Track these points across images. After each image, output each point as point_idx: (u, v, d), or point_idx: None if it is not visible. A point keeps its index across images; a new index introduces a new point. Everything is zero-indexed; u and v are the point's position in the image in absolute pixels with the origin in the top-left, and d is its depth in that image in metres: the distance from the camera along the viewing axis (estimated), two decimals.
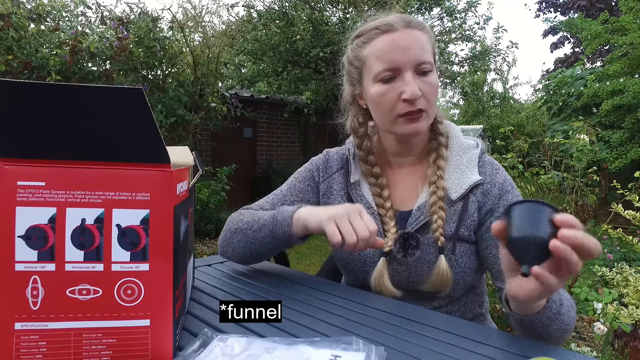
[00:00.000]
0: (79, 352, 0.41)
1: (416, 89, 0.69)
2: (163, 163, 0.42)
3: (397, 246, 0.72)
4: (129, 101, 0.40)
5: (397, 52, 0.70)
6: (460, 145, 0.79)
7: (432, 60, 0.73)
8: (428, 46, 0.73)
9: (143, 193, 0.42)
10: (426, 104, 0.72)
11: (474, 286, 0.80)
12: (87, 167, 0.41)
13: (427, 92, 0.71)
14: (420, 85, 0.70)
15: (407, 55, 0.70)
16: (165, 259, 0.42)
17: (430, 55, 0.73)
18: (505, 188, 0.74)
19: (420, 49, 0.71)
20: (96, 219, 0.41)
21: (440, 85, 0.80)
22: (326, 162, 0.86)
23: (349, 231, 0.61)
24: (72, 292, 0.41)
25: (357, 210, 0.64)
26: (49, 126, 0.40)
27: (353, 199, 0.79)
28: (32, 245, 0.40)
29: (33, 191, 0.40)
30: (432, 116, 0.75)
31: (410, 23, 0.73)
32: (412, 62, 0.70)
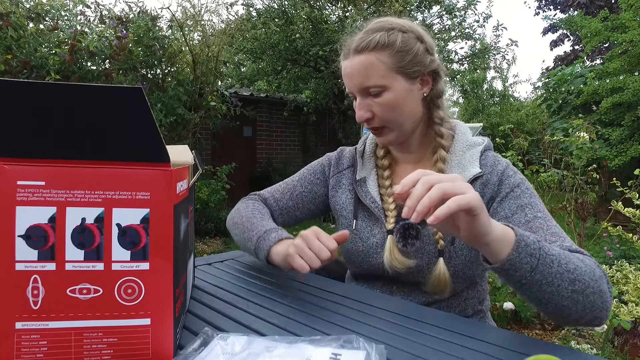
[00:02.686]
0: (79, 351, 0.41)
1: (361, 114, 0.76)
2: (163, 162, 0.42)
3: (397, 236, 0.75)
4: (129, 100, 0.40)
5: (347, 79, 0.78)
6: (465, 142, 0.80)
7: (381, 82, 0.74)
8: (378, 66, 0.74)
9: (143, 192, 0.42)
10: (381, 121, 0.77)
11: (475, 283, 0.81)
12: (87, 167, 0.41)
13: (379, 112, 0.76)
14: (372, 107, 0.76)
15: (353, 82, 0.76)
16: (166, 258, 0.42)
17: (378, 76, 0.74)
18: (506, 173, 0.75)
19: (363, 76, 0.74)
20: (96, 218, 0.41)
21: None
22: (339, 159, 0.91)
23: (312, 259, 0.65)
24: (72, 292, 0.41)
25: (314, 235, 0.67)
26: (48, 126, 0.40)
27: (358, 194, 0.84)
28: (33, 244, 0.40)
29: (33, 191, 0.40)
30: (399, 128, 0.78)
31: (358, 47, 0.75)
32: (357, 88, 0.76)
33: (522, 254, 0.52)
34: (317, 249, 0.65)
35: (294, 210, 0.92)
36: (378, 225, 0.80)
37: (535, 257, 0.53)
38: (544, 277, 0.54)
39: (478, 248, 0.54)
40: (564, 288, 0.54)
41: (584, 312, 0.56)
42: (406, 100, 0.76)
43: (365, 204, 0.82)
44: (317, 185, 0.91)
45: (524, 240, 0.53)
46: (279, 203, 0.92)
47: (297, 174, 0.94)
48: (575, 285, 0.55)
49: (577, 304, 0.56)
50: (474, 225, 0.49)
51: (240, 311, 0.59)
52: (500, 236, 0.52)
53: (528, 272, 0.53)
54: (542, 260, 0.53)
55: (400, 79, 0.75)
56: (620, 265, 1.82)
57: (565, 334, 2.14)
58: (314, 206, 0.91)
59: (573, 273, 0.55)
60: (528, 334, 2.17)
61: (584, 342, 2.01)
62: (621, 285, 1.74)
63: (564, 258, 0.56)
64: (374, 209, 0.80)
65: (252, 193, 0.95)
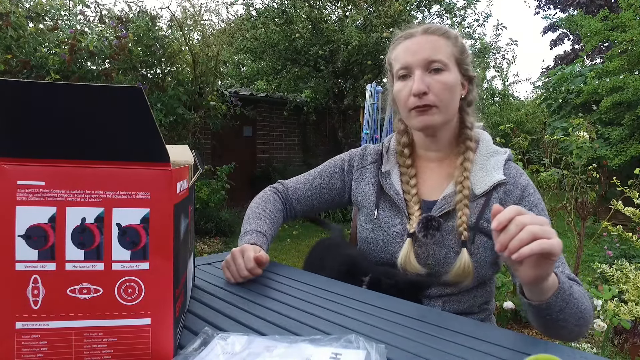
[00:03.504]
0: (79, 351, 0.41)
1: (421, 85, 0.78)
2: (163, 162, 0.42)
3: (419, 226, 0.79)
4: (129, 100, 0.40)
5: (409, 55, 0.81)
6: (488, 149, 0.86)
7: (446, 61, 0.80)
8: (445, 48, 0.81)
9: (143, 192, 0.42)
10: (435, 99, 0.79)
11: (485, 283, 0.84)
12: (86, 167, 0.41)
13: (436, 89, 0.79)
14: (430, 82, 0.79)
15: (417, 55, 0.80)
16: (166, 257, 0.42)
17: (444, 55, 0.80)
18: (527, 190, 0.81)
19: (431, 50, 0.80)
20: (96, 218, 0.41)
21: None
22: (363, 154, 0.97)
23: (234, 273, 0.74)
24: (72, 292, 0.41)
25: (240, 253, 0.75)
26: (48, 126, 0.40)
27: (383, 186, 0.88)
28: (33, 244, 0.40)
29: (33, 191, 0.40)
30: (445, 112, 0.81)
31: (428, 30, 0.83)
32: (421, 61, 0.79)
33: (559, 299, 0.60)
34: (238, 266, 0.73)
35: (312, 200, 0.98)
36: (399, 217, 0.84)
37: (566, 301, 0.61)
38: (565, 316, 0.62)
39: (529, 287, 0.59)
40: (572, 324, 0.63)
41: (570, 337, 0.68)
42: (456, 89, 0.82)
43: (389, 194, 0.87)
44: (335, 178, 0.97)
45: (563, 287, 0.60)
46: (299, 192, 0.99)
47: (320, 166, 1.01)
48: (580, 321, 0.64)
49: (572, 333, 0.66)
50: (545, 269, 0.54)
51: (241, 311, 0.59)
52: (551, 282, 0.58)
53: (556, 312, 0.61)
54: (569, 305, 0.61)
55: (456, 68, 0.82)
56: (620, 264, 1.82)
57: None
58: (330, 197, 0.98)
59: (582, 313, 0.63)
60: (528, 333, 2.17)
61: (584, 341, 2.01)
62: (621, 285, 1.74)
63: (579, 299, 0.63)
64: (397, 200, 0.85)
65: (278, 181, 1.02)
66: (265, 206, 0.93)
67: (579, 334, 0.66)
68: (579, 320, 0.63)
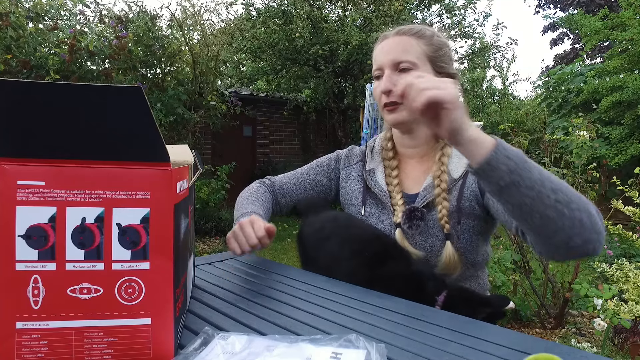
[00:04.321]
0: (80, 350, 0.41)
1: (387, 83, 0.84)
2: (163, 162, 0.42)
3: (403, 218, 0.83)
4: (129, 100, 0.40)
5: (381, 55, 0.86)
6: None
7: (414, 60, 0.83)
8: (415, 48, 0.84)
9: (143, 192, 0.42)
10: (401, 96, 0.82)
11: (477, 276, 0.86)
12: (87, 166, 0.41)
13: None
14: (397, 81, 0.83)
15: (388, 56, 0.85)
16: (166, 257, 0.42)
17: (413, 55, 0.83)
18: None
19: (400, 51, 0.84)
20: (96, 218, 0.41)
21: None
22: (349, 154, 1.01)
23: (242, 243, 0.75)
24: (72, 291, 0.41)
25: (250, 223, 0.77)
26: (48, 125, 0.40)
27: (368, 184, 0.92)
28: (33, 244, 0.40)
29: (33, 190, 0.40)
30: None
31: (400, 31, 0.86)
32: (390, 61, 0.84)
33: (500, 156, 0.57)
34: (247, 235, 0.74)
35: (297, 195, 1.00)
36: (385, 213, 0.87)
37: (514, 161, 0.57)
38: (523, 180, 0.56)
39: (458, 148, 0.60)
40: (546, 195, 0.57)
41: (572, 229, 0.58)
42: None
43: (374, 191, 0.90)
44: (321, 175, 1.00)
45: (504, 145, 0.58)
46: (284, 187, 1.01)
47: (307, 165, 1.04)
48: (558, 195, 0.57)
49: (564, 217, 0.57)
50: (447, 120, 0.57)
51: (241, 310, 0.59)
52: (476, 137, 0.58)
53: (506, 173, 0.56)
54: (522, 166, 0.57)
55: (428, 66, 0.85)
56: (621, 263, 1.82)
57: (565, 333, 2.14)
58: (315, 193, 1.00)
59: (554, 183, 0.58)
60: (528, 332, 2.17)
61: (584, 340, 2.01)
62: (621, 284, 1.74)
63: (546, 173, 0.59)
64: (382, 197, 0.88)
65: (266, 177, 1.05)
66: (257, 195, 0.96)
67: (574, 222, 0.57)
68: (555, 193, 0.56)
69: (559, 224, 0.58)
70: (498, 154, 0.57)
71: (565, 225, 0.58)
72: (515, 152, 0.58)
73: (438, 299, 0.70)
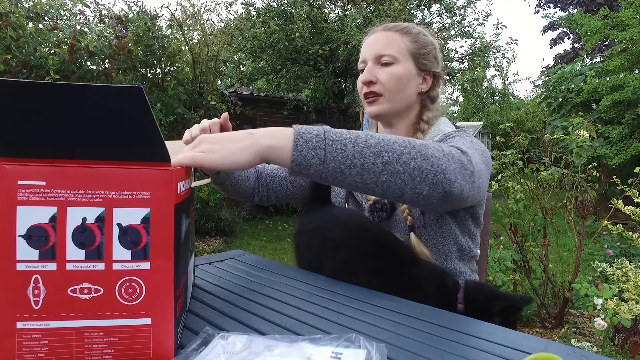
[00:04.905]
0: (80, 350, 0.41)
1: (367, 75, 0.85)
2: (163, 162, 0.42)
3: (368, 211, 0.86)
4: (129, 100, 0.40)
5: (366, 48, 0.88)
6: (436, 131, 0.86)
7: (395, 55, 0.85)
8: (398, 43, 0.85)
9: (143, 192, 0.42)
10: (382, 88, 0.85)
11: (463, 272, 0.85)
12: (87, 167, 0.41)
13: (384, 79, 0.85)
14: (378, 74, 0.85)
15: (371, 49, 0.87)
16: (166, 257, 0.42)
17: (395, 50, 0.85)
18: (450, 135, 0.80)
19: (384, 45, 0.85)
20: (97, 218, 0.41)
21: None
22: None
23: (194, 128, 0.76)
24: (73, 291, 0.41)
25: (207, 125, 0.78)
26: (48, 125, 0.40)
27: None
28: (33, 244, 0.40)
29: (34, 190, 0.40)
30: (392, 101, 0.86)
31: (386, 27, 0.88)
32: (372, 54, 0.86)
33: (305, 151, 0.53)
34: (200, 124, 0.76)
35: (285, 181, 0.97)
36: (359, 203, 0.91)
37: (321, 148, 0.53)
38: (341, 162, 0.53)
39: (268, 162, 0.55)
40: (372, 164, 0.54)
41: (413, 182, 0.55)
42: (408, 82, 0.86)
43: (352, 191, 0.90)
44: None
45: (303, 137, 0.53)
46: (275, 171, 0.97)
47: None
48: (384, 157, 0.54)
49: (399, 176, 0.54)
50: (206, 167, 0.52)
51: (241, 310, 0.59)
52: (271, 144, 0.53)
53: (320, 165, 0.53)
54: (330, 149, 0.53)
55: (410, 62, 0.86)
56: (621, 263, 1.82)
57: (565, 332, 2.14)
58: (305, 183, 0.98)
59: (376, 147, 0.54)
60: (528, 332, 2.17)
61: (585, 340, 2.01)
62: (621, 284, 1.74)
63: (362, 137, 0.55)
64: (356, 195, 0.91)
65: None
66: None
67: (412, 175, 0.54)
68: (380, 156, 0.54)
69: (398, 183, 0.55)
70: (302, 151, 0.52)
71: (406, 181, 0.55)
72: (317, 134, 0.54)
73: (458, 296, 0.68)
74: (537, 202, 2.38)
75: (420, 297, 0.65)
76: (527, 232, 2.37)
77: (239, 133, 0.54)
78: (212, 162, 0.51)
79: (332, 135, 0.55)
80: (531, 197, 2.40)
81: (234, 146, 0.53)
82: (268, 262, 0.87)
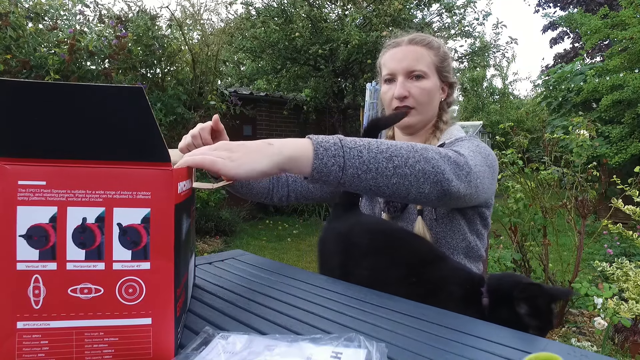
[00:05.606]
0: (81, 350, 0.41)
1: (402, 90, 0.89)
2: (164, 162, 0.42)
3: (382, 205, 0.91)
4: (129, 100, 0.40)
5: (395, 62, 0.91)
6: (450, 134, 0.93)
7: (425, 70, 0.89)
8: (426, 58, 0.90)
9: (144, 192, 0.42)
10: (414, 102, 0.90)
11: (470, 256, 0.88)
12: (87, 167, 0.41)
13: (416, 94, 0.90)
14: (410, 88, 0.90)
15: (401, 64, 0.90)
16: (167, 257, 0.42)
17: (424, 65, 0.90)
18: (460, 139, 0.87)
19: (414, 59, 0.89)
20: (97, 218, 0.41)
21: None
22: None
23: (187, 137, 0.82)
24: (73, 291, 0.41)
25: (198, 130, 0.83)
26: (49, 125, 0.40)
27: None
28: (34, 244, 0.40)
29: (34, 190, 0.40)
30: (423, 113, 0.92)
31: (413, 40, 0.92)
32: (404, 69, 0.90)
33: (325, 159, 0.56)
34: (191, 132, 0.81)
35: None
36: (377, 206, 0.94)
37: (340, 155, 0.56)
38: (358, 168, 0.57)
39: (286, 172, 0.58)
40: (384, 167, 0.58)
41: (418, 182, 0.60)
42: (435, 94, 0.92)
43: None
44: None
45: (322, 146, 0.56)
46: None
47: None
48: (394, 161, 0.59)
49: (407, 178, 0.60)
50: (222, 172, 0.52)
51: (241, 310, 0.59)
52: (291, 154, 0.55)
53: (339, 171, 0.56)
54: (348, 155, 0.57)
55: (435, 76, 0.92)
56: (621, 262, 1.82)
57: (565, 332, 2.14)
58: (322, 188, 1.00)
59: (387, 152, 0.59)
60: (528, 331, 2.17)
61: (585, 339, 2.01)
62: (621, 283, 1.74)
63: (374, 143, 0.59)
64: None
65: None
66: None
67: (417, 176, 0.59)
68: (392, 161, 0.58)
69: (406, 184, 0.60)
70: (322, 159, 0.55)
71: (412, 182, 0.60)
72: (334, 142, 0.57)
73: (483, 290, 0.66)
74: (537, 202, 2.38)
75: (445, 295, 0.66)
76: (527, 231, 2.38)
77: (257, 143, 0.56)
78: (230, 170, 0.52)
79: (348, 142, 0.58)
80: (531, 196, 2.40)
81: (253, 156, 0.54)
82: (268, 262, 0.87)
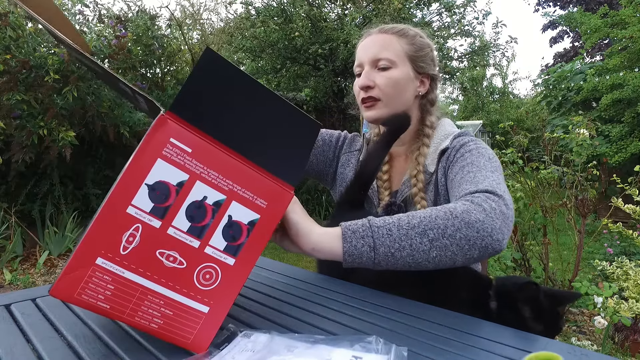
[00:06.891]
0: (135, 309, 0.41)
1: (365, 80, 0.83)
2: (290, 185, 0.46)
3: (382, 212, 0.85)
4: (303, 130, 0.45)
5: (362, 51, 0.86)
6: (443, 132, 0.86)
7: (393, 58, 0.82)
8: (395, 46, 0.83)
9: (262, 199, 0.45)
10: (380, 93, 0.83)
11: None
12: (234, 157, 0.43)
13: (381, 83, 0.82)
14: (376, 78, 0.83)
15: (367, 53, 0.84)
16: (250, 262, 0.45)
17: (392, 53, 0.83)
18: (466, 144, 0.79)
19: (380, 48, 0.83)
20: (215, 202, 0.43)
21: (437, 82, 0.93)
22: (352, 140, 1.00)
23: None
24: (161, 254, 0.42)
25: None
26: (230, 112, 0.43)
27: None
28: (153, 197, 0.41)
29: (178, 152, 0.41)
30: (391, 105, 0.84)
31: (382, 29, 0.86)
32: (370, 58, 0.84)
33: (354, 241, 0.55)
34: None
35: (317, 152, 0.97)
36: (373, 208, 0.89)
37: (369, 236, 0.55)
38: (390, 246, 0.55)
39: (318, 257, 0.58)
40: (419, 243, 0.55)
41: (463, 250, 0.56)
42: (406, 86, 0.84)
43: None
44: (329, 146, 0.98)
45: (350, 229, 0.56)
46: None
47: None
48: (429, 235, 0.55)
49: (448, 249, 0.56)
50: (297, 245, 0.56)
51: (241, 310, 0.58)
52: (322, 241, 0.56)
53: (370, 252, 0.55)
54: (377, 234, 0.55)
55: (408, 65, 0.84)
56: (621, 261, 1.83)
57: (565, 331, 2.16)
58: (315, 159, 0.98)
59: (419, 227, 0.56)
60: None
61: (585, 338, 2.03)
62: (621, 282, 1.75)
63: (404, 219, 0.57)
64: (370, 192, 0.89)
65: None
66: None
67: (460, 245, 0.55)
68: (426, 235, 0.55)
69: (449, 255, 0.56)
70: (351, 242, 0.55)
71: (456, 252, 0.56)
72: (362, 224, 0.56)
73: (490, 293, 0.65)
74: (537, 201, 2.39)
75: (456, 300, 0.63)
76: (527, 230, 2.38)
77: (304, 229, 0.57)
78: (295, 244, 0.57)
79: (376, 222, 0.57)
80: (531, 195, 2.41)
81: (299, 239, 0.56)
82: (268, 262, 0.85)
